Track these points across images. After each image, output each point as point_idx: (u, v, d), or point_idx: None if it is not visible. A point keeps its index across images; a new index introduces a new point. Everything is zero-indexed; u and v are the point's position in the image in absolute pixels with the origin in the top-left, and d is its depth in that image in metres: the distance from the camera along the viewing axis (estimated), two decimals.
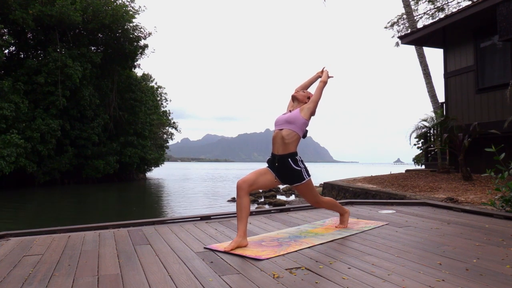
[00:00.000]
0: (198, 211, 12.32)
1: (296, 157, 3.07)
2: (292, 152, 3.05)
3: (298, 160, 3.06)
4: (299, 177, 3.06)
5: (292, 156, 3.04)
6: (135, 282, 2.12)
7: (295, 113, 3.10)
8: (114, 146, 26.15)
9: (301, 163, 3.09)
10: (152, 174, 36.94)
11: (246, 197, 2.92)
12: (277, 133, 3.09)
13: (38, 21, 21.48)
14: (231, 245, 2.76)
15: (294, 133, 3.04)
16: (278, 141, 3.06)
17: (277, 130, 3.10)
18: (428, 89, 11.76)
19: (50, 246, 3.04)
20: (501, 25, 7.51)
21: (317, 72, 3.49)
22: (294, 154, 3.06)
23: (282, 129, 3.06)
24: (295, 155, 3.06)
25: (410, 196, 6.61)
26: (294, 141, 3.05)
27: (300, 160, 3.10)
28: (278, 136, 3.06)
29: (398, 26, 17.72)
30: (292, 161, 3.04)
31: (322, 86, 3.29)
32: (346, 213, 3.55)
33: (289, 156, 3.03)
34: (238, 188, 2.93)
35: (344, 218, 3.53)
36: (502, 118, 8.24)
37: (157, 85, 36.21)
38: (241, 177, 3.00)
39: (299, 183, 3.07)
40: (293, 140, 3.03)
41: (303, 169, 3.07)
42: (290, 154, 3.03)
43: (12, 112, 19.11)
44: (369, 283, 2.00)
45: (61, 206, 15.51)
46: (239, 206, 2.90)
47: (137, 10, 25.90)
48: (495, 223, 3.52)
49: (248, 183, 2.93)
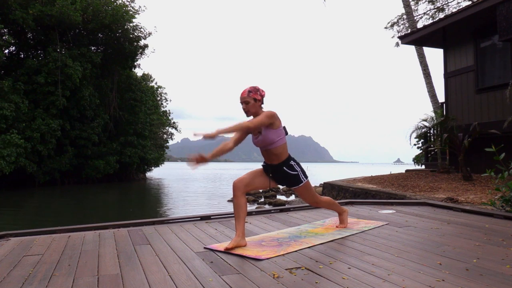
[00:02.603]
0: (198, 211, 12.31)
1: (290, 162, 3.04)
2: (286, 159, 3.02)
3: (293, 165, 3.04)
4: (297, 181, 3.06)
5: (286, 163, 3.02)
6: (135, 282, 2.12)
7: (265, 135, 2.92)
8: (114, 146, 26.15)
9: (297, 166, 3.06)
10: (152, 174, 36.94)
11: (242, 197, 2.92)
12: (263, 151, 3.03)
13: (38, 21, 21.48)
14: (230, 244, 2.76)
15: (279, 145, 2.96)
16: (268, 155, 3.01)
17: (262, 150, 3.04)
18: (428, 89, 11.76)
19: (50, 246, 3.04)
20: (501, 25, 7.51)
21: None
22: (287, 160, 3.03)
23: (268, 149, 2.99)
24: (289, 161, 3.03)
25: (410, 196, 6.61)
26: (283, 149, 2.99)
27: (295, 163, 3.06)
28: (266, 152, 3.02)
29: (398, 26, 17.72)
30: (287, 167, 3.02)
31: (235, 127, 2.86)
32: (345, 212, 3.55)
33: (284, 164, 3.01)
34: (235, 188, 2.93)
35: (343, 217, 3.53)
36: (502, 118, 8.24)
37: (157, 85, 36.22)
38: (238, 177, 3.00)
39: (297, 186, 3.08)
40: (282, 150, 2.98)
41: (300, 172, 3.05)
42: (283, 161, 3.01)
43: (12, 112, 19.10)
44: (369, 283, 2.00)
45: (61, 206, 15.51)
46: (236, 206, 2.91)
47: (137, 10, 25.90)
48: (495, 223, 3.52)
49: (244, 182, 2.93)
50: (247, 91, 2.93)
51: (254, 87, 2.97)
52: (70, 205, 15.88)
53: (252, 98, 2.92)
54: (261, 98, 2.97)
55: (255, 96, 2.93)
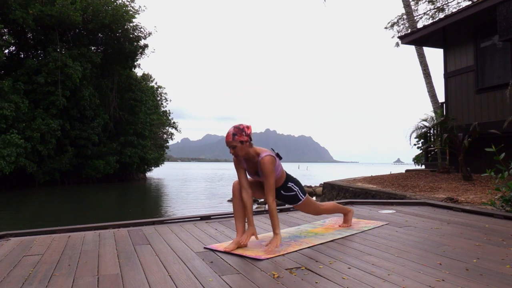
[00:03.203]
0: (198, 211, 12.32)
1: (288, 184, 3.03)
2: (283, 182, 3.01)
3: (290, 187, 3.03)
4: (295, 200, 3.08)
5: (284, 186, 3.02)
6: (135, 282, 2.12)
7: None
8: (114, 146, 26.16)
9: (294, 186, 3.04)
10: (152, 174, 36.95)
11: (240, 198, 2.93)
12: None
13: (38, 21, 21.49)
14: (231, 245, 2.76)
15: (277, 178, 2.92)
16: None
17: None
18: (428, 89, 11.76)
19: (50, 246, 3.04)
20: (501, 25, 7.50)
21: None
22: (285, 182, 3.02)
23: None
24: (286, 183, 3.03)
25: (410, 196, 6.61)
26: (281, 177, 2.97)
27: (293, 184, 3.04)
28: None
29: (398, 27, 17.72)
30: (284, 190, 3.03)
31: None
32: (350, 212, 3.56)
33: (282, 188, 3.02)
34: (234, 188, 2.94)
35: (347, 217, 3.54)
36: (502, 118, 8.23)
37: (157, 85, 36.25)
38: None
39: (296, 204, 3.11)
40: (279, 178, 2.95)
41: (298, 192, 3.05)
42: (281, 185, 3.01)
43: (12, 112, 19.11)
44: (369, 283, 2.00)
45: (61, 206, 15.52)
46: (235, 206, 2.93)
47: (137, 10, 25.93)
48: (495, 223, 3.52)
49: (243, 184, 2.93)
50: (231, 135, 2.75)
51: (237, 127, 2.77)
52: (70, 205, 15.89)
53: (238, 141, 2.75)
54: (247, 138, 2.77)
55: (240, 138, 2.74)
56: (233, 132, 2.75)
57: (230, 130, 2.79)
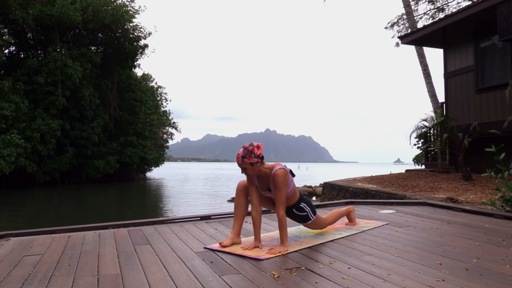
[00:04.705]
0: (198, 211, 12.32)
1: (301, 204, 3.00)
2: (296, 201, 2.99)
3: (303, 207, 3.02)
4: (306, 219, 3.07)
5: (296, 206, 3.00)
6: (135, 282, 2.12)
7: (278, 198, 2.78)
8: (114, 146, 26.16)
9: (306, 206, 3.03)
10: (152, 174, 36.95)
11: (243, 197, 2.94)
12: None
13: (38, 21, 21.49)
14: (227, 241, 2.81)
15: (289, 195, 2.88)
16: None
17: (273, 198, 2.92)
18: (428, 89, 11.76)
19: (50, 246, 3.04)
20: (501, 25, 7.51)
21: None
22: (298, 202, 3.00)
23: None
24: (299, 204, 3.00)
25: (410, 196, 6.61)
26: (294, 194, 2.94)
27: (305, 204, 3.03)
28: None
29: (398, 26, 17.73)
30: (297, 210, 3.01)
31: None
32: (351, 211, 3.58)
33: (294, 207, 3.00)
34: (239, 188, 2.96)
35: (351, 216, 3.56)
36: (502, 118, 8.24)
37: (157, 85, 36.25)
38: (243, 179, 2.99)
39: (306, 223, 3.11)
40: (291, 195, 2.92)
41: (309, 212, 3.04)
42: (294, 204, 2.99)
43: (12, 112, 19.12)
44: (369, 283, 2.00)
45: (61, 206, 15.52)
46: (235, 205, 2.96)
47: (137, 10, 25.93)
48: (495, 223, 3.52)
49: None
50: (240, 157, 2.73)
51: (246, 149, 2.73)
52: (70, 205, 15.89)
53: (247, 164, 2.72)
54: (257, 160, 2.73)
55: (250, 161, 2.72)
56: (242, 155, 2.73)
57: (239, 151, 2.76)
